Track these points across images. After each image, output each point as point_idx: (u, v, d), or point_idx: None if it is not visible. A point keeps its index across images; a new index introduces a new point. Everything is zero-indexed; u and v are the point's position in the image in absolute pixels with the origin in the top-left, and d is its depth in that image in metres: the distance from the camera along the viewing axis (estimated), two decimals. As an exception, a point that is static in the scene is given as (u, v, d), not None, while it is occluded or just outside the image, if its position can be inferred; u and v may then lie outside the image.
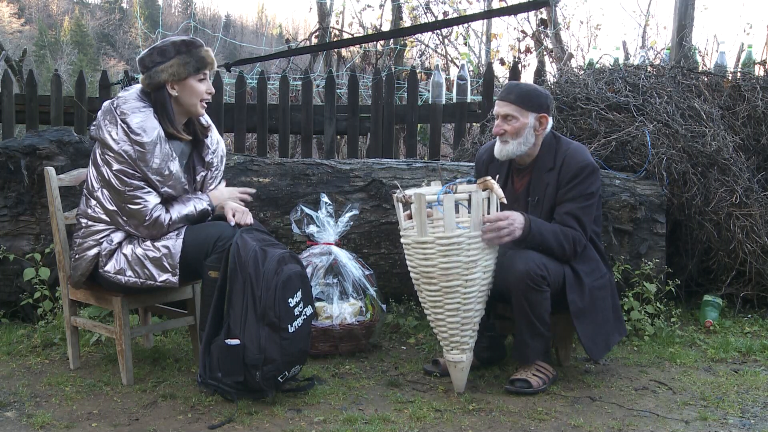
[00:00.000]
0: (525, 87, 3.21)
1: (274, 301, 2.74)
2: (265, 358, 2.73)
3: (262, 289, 2.74)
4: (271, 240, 2.94)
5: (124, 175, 2.85)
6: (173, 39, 2.99)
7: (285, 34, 16.87)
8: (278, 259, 2.80)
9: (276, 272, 2.76)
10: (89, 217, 2.97)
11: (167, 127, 2.94)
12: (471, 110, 5.86)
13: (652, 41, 8.51)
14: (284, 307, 2.77)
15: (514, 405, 2.88)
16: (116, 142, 2.84)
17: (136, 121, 2.86)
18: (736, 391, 3.08)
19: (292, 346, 2.80)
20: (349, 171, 4.01)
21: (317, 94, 7.27)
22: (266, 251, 2.82)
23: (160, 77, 2.92)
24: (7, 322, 3.89)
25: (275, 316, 2.74)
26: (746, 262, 4.13)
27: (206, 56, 2.98)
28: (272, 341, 2.74)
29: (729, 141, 4.29)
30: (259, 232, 2.95)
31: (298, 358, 2.87)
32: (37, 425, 2.64)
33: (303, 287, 2.88)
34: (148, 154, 2.85)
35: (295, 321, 2.81)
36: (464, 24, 8.40)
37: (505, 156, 3.16)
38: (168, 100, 2.95)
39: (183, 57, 2.93)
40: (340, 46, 7.96)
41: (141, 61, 2.98)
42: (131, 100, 2.92)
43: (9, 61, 7.22)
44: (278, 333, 2.75)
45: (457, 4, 9.13)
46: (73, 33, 36.15)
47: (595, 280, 3.09)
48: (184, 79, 2.94)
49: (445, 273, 2.87)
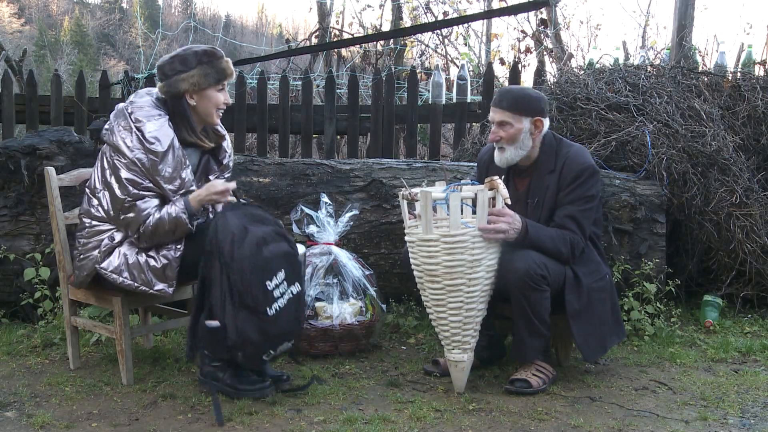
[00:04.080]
0: (517, 92, 3.18)
1: (250, 286, 2.71)
2: (244, 341, 2.73)
3: (237, 273, 2.71)
4: (259, 215, 2.88)
5: (131, 184, 2.83)
6: (195, 49, 2.96)
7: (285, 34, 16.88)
8: (257, 240, 2.75)
9: (253, 255, 2.72)
10: (92, 216, 2.96)
11: (188, 135, 2.95)
12: (471, 110, 5.86)
13: (652, 41, 8.51)
14: (261, 290, 2.72)
15: (514, 405, 2.88)
16: (130, 150, 2.83)
17: (150, 129, 2.84)
18: (736, 391, 3.08)
19: (273, 327, 2.75)
20: (349, 171, 4.01)
21: (317, 94, 7.26)
22: (248, 231, 2.77)
23: (180, 87, 2.91)
24: (7, 322, 3.89)
25: (252, 300, 2.71)
26: (746, 262, 4.12)
27: (227, 68, 2.98)
28: (251, 324, 2.72)
29: (729, 141, 4.29)
30: (248, 206, 2.90)
31: (284, 336, 2.81)
32: (37, 425, 2.64)
33: (287, 266, 2.80)
34: (161, 164, 2.84)
35: (276, 303, 2.75)
36: (464, 24, 8.40)
37: (505, 163, 3.16)
38: (187, 109, 2.94)
39: (204, 68, 2.92)
40: (340, 46, 7.96)
41: (161, 68, 2.95)
42: (146, 107, 2.90)
43: (9, 61, 7.23)
44: (257, 316, 2.72)
45: (457, 4, 9.13)
46: (73, 33, 36.13)
47: (594, 282, 3.09)
48: (204, 89, 2.93)
49: (449, 271, 2.88)
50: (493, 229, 2.89)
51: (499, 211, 2.91)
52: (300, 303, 2.89)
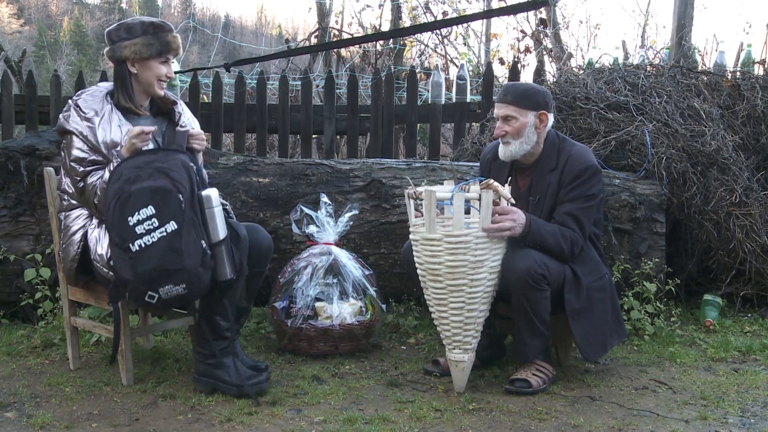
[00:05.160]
0: (522, 86, 3.22)
1: (112, 221, 2.74)
2: (118, 277, 2.77)
3: (107, 211, 2.77)
4: (154, 161, 2.80)
5: (78, 162, 2.91)
6: (143, 19, 3.05)
7: (284, 34, 16.89)
8: (126, 178, 2.75)
9: (117, 191, 2.73)
10: (64, 208, 3.07)
11: (124, 101, 3.01)
12: (470, 110, 5.86)
13: (651, 41, 8.53)
14: (123, 226, 2.70)
15: (514, 405, 2.88)
16: (70, 124, 2.94)
17: (86, 101, 2.97)
18: (736, 391, 3.08)
19: (140, 264, 2.68)
20: (349, 171, 4.01)
21: (317, 94, 7.27)
22: (123, 170, 2.78)
23: (122, 53, 2.98)
24: (7, 323, 3.89)
25: (117, 236, 2.73)
26: (746, 262, 4.13)
27: (172, 41, 3.03)
28: (121, 260, 2.73)
29: (728, 140, 4.29)
30: (150, 154, 2.86)
31: (161, 276, 2.68)
32: (37, 426, 2.64)
33: (158, 203, 2.70)
34: (98, 129, 2.92)
35: (140, 239, 2.68)
36: (463, 24, 8.40)
37: (509, 157, 3.17)
38: (128, 76, 3.02)
39: (148, 38, 2.98)
40: (339, 46, 7.96)
41: (108, 34, 3.04)
42: (88, 90, 3.04)
43: (8, 61, 7.23)
44: (125, 253, 2.71)
45: (457, 4, 9.13)
46: (72, 33, 36.14)
47: (593, 281, 3.09)
48: (146, 59, 2.99)
49: (452, 271, 2.88)
50: (498, 228, 2.89)
51: (504, 209, 2.92)
52: (178, 242, 2.69)
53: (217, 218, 2.81)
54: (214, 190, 2.85)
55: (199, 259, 2.71)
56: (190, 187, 2.77)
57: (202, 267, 2.72)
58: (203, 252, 2.73)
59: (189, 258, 2.69)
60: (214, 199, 2.81)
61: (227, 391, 2.90)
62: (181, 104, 3.20)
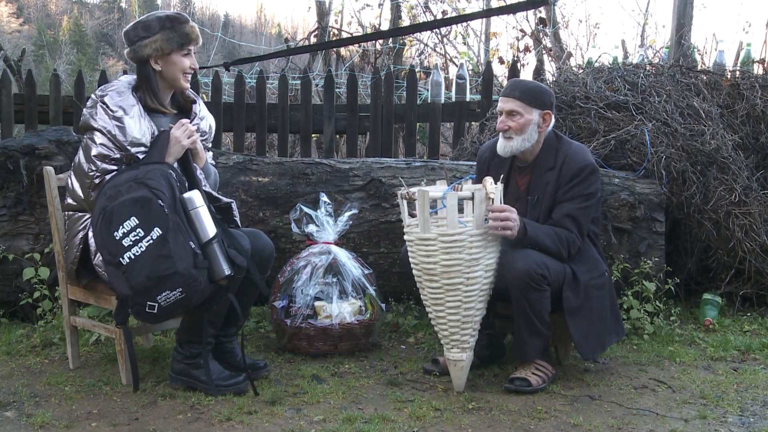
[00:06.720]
0: (529, 84, 3.23)
1: (101, 240, 2.74)
2: (119, 295, 2.77)
3: (95, 232, 2.79)
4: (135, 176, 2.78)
5: (99, 158, 2.88)
6: (158, 14, 3.02)
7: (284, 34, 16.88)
8: (108, 196, 2.76)
9: (101, 211, 2.74)
10: (68, 208, 3.05)
11: (150, 101, 2.98)
12: (470, 109, 5.86)
13: (651, 40, 8.51)
14: (111, 241, 2.70)
15: (513, 404, 2.88)
16: (96, 121, 2.89)
17: (113, 99, 2.91)
18: (736, 390, 3.08)
19: (133, 276, 2.67)
20: (349, 170, 4.01)
21: (316, 94, 7.26)
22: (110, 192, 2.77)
23: (144, 52, 2.95)
24: (6, 322, 3.89)
25: (107, 253, 2.72)
26: (745, 261, 4.12)
27: (191, 32, 3.00)
28: (116, 277, 2.73)
29: (728, 139, 4.29)
30: (131, 170, 2.84)
31: (156, 284, 2.66)
32: (36, 425, 2.64)
33: (139, 213, 2.69)
34: (127, 128, 2.88)
35: (128, 252, 2.67)
36: (463, 23, 8.39)
37: (509, 152, 3.16)
38: (152, 75, 2.98)
39: (167, 32, 2.95)
40: (338, 45, 7.96)
41: (126, 34, 3.01)
42: (113, 85, 2.99)
43: (8, 60, 7.21)
44: (118, 268, 2.71)
45: (456, 3, 9.12)
46: (71, 32, 36.08)
47: (592, 279, 3.09)
48: (168, 54, 2.96)
49: (447, 270, 2.88)
50: (501, 227, 2.88)
51: (499, 208, 2.91)
52: (165, 247, 2.67)
53: (203, 218, 2.79)
54: (195, 192, 2.84)
55: (190, 260, 2.69)
56: (171, 193, 2.76)
57: (196, 268, 2.70)
58: (194, 253, 2.71)
59: (180, 261, 2.67)
60: (196, 200, 2.80)
61: (205, 391, 2.91)
62: (199, 103, 3.18)
